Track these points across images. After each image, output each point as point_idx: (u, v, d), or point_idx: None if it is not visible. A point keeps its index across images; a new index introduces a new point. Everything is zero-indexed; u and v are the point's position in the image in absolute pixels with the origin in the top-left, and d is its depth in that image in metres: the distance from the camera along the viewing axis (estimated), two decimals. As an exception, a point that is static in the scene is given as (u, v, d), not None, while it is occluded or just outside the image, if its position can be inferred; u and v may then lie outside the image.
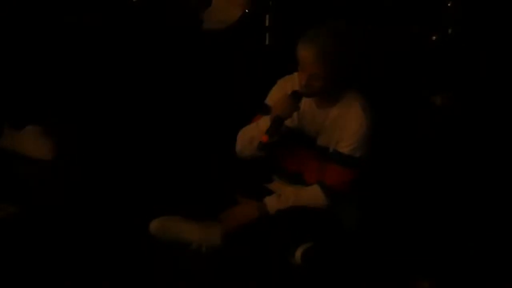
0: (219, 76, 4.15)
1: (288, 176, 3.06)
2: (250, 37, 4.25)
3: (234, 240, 2.93)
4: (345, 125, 2.89)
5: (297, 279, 2.80)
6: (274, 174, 3.09)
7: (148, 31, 4.30)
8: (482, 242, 3.13)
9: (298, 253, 2.83)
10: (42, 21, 3.93)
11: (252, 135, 2.93)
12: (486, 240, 3.16)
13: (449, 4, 4.25)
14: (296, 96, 2.85)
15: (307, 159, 3.01)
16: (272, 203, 2.93)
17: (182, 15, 4.27)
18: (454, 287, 2.87)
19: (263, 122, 2.89)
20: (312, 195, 2.93)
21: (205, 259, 2.88)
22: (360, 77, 3.00)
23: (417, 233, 3.18)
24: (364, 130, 2.87)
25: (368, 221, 3.06)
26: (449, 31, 4.22)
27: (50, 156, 3.62)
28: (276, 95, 2.99)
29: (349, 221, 2.97)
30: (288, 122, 2.92)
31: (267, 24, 4.31)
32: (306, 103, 2.95)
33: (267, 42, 4.31)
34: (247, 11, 4.24)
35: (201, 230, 2.93)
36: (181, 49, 4.22)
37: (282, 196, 2.95)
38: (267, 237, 2.92)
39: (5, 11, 3.82)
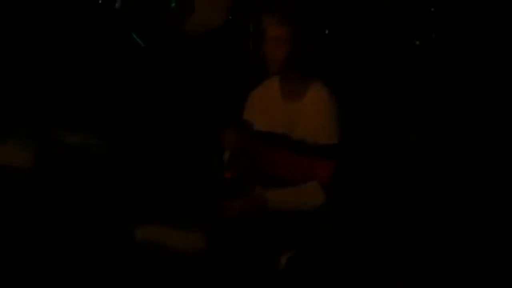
0: (203, 80, 4.15)
1: (272, 182, 3.03)
2: (233, 42, 4.26)
3: (218, 246, 2.90)
4: (317, 116, 2.86)
5: (281, 283, 2.78)
6: (257, 185, 3.06)
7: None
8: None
9: (283, 260, 2.80)
10: (42, 21, 3.95)
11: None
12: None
13: (432, 9, 4.27)
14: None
15: (286, 160, 2.98)
16: (273, 196, 2.86)
17: (165, 19, 4.28)
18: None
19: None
20: (311, 192, 2.85)
21: (190, 264, 2.86)
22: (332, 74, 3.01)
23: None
24: (334, 117, 2.85)
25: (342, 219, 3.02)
26: (432, 36, 4.25)
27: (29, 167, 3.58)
28: (250, 108, 3.04)
29: (326, 221, 2.92)
30: (259, 126, 2.96)
31: (251, 30, 4.33)
32: (273, 99, 2.96)
33: (250, 48, 4.32)
34: (230, 17, 4.24)
35: (185, 236, 2.90)
36: (168, 52, 4.23)
37: (283, 191, 2.88)
38: (251, 242, 2.89)
39: (5, 11, 3.84)
